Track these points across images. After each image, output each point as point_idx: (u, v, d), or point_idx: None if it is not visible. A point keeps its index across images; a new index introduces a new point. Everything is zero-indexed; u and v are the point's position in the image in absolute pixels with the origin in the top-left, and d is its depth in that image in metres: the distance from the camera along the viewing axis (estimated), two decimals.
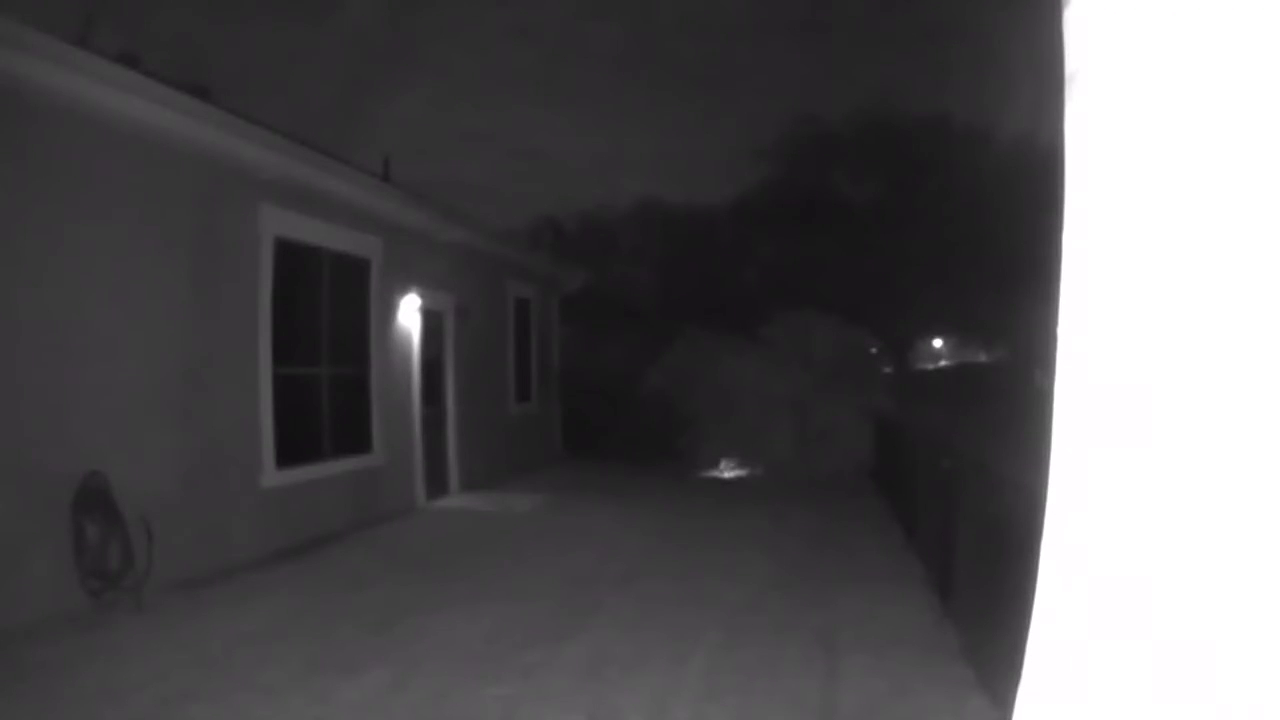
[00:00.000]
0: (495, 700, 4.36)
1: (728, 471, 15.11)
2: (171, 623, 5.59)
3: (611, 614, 5.88)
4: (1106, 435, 0.97)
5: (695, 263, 24.42)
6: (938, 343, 35.56)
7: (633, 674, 4.71)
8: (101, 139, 6.05)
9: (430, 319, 10.88)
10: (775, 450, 15.00)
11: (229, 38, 26.93)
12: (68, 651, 4.95)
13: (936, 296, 23.59)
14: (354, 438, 9.17)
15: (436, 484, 10.96)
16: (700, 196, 26.97)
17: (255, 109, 8.39)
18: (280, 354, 7.83)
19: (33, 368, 5.57)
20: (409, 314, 10.35)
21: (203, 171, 7.03)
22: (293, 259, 8.11)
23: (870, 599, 6.25)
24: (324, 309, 8.76)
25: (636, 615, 5.86)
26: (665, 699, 4.37)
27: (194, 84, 7.93)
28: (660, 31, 38.93)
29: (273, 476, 7.73)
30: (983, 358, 32.25)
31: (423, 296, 10.54)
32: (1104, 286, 0.98)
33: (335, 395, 8.86)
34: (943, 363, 36.22)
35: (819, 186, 25.56)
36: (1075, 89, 1.02)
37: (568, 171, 33.28)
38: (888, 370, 23.95)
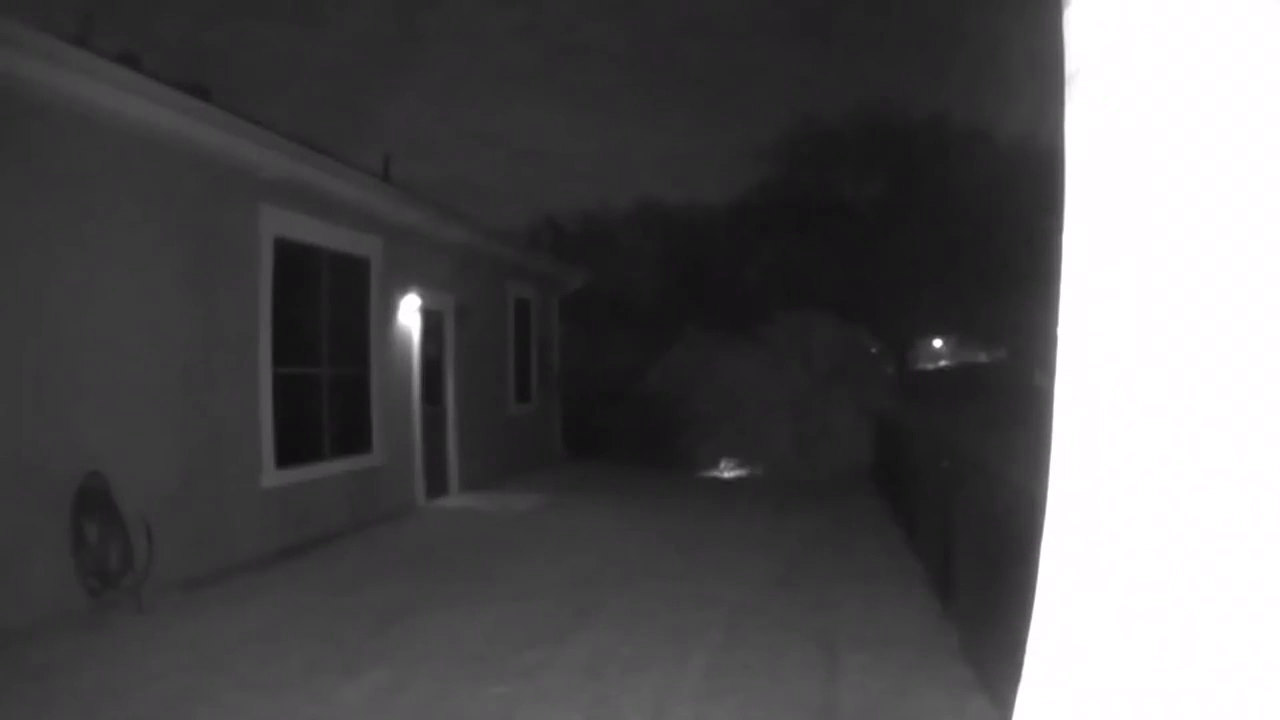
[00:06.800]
0: (495, 700, 4.36)
1: (728, 471, 15.10)
2: (171, 623, 5.59)
3: (612, 614, 5.88)
4: (1106, 435, 0.97)
5: (695, 263, 24.39)
6: (938, 343, 35.54)
7: (633, 674, 4.71)
8: (101, 139, 6.04)
9: (430, 319, 10.87)
10: (775, 450, 14.98)
11: (230, 38, 26.93)
12: (68, 651, 4.95)
13: (936, 296, 23.56)
14: (354, 437, 9.17)
15: (436, 484, 10.95)
16: (700, 197, 27.01)
17: (255, 109, 8.42)
18: (280, 354, 7.82)
19: (33, 367, 5.56)
20: (409, 314, 10.34)
21: (203, 171, 7.02)
22: (293, 259, 8.10)
23: (870, 599, 6.25)
24: (324, 309, 8.75)
25: (636, 615, 5.85)
26: (665, 699, 4.37)
27: (194, 84, 7.93)
28: (661, 32, 38.96)
29: (273, 476, 7.72)
30: (983, 358, 32.24)
31: (423, 296, 10.53)
32: (1104, 286, 0.98)
33: (335, 395, 8.86)
34: (943, 363, 36.20)
35: (819, 187, 25.54)
36: (1075, 89, 1.02)
37: (568, 172, 33.30)
38: (888, 370, 23.93)
